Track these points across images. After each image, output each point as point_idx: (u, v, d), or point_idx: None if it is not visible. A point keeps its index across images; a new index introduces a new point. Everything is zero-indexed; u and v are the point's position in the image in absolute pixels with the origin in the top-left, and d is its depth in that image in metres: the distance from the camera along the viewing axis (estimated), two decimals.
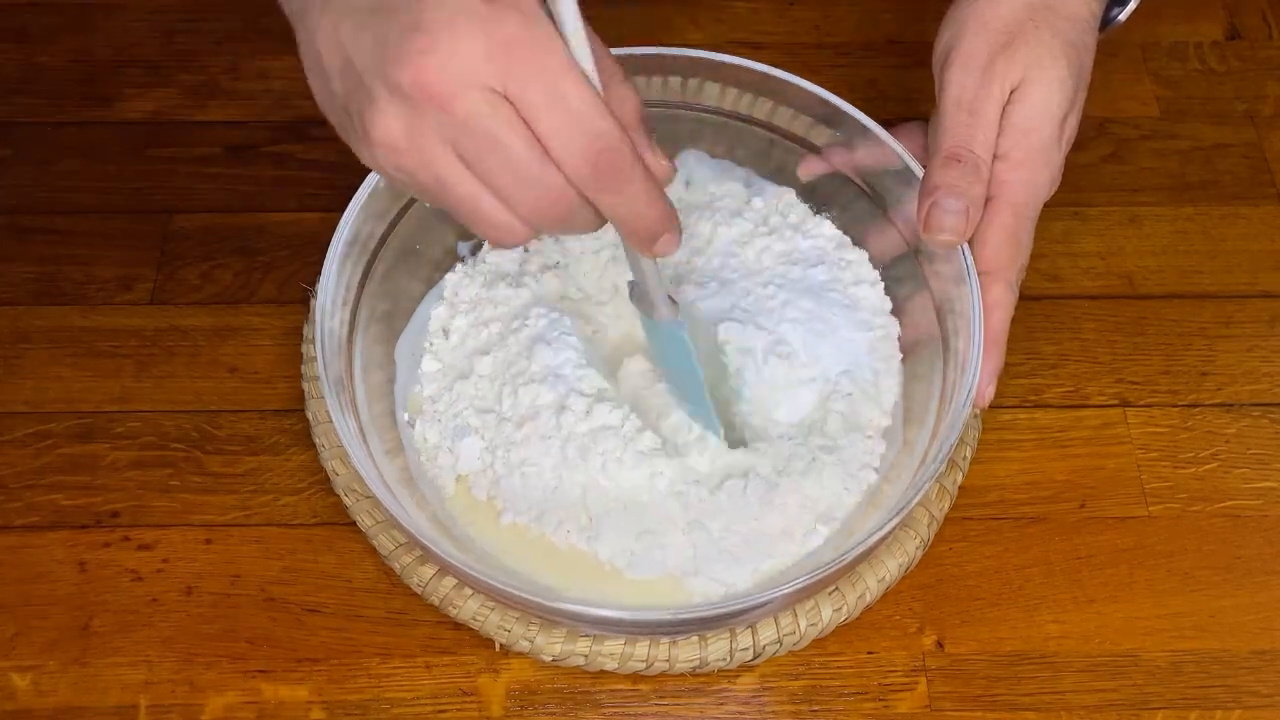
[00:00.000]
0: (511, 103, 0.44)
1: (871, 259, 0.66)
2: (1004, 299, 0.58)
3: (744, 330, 0.62)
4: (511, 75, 0.43)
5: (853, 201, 0.66)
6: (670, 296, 0.56)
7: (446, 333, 0.64)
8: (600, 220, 0.47)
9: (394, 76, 0.43)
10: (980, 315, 0.57)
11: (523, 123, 0.44)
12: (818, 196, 0.67)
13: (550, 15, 0.44)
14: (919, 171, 0.60)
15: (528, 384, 0.61)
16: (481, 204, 0.46)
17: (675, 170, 0.49)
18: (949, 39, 0.59)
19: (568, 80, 0.44)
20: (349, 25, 0.45)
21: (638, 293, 0.57)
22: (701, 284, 0.65)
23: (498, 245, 0.47)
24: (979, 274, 0.57)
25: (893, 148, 0.61)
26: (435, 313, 0.65)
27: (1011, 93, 0.58)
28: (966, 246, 0.58)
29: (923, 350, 0.62)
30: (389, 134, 0.44)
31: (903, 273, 0.64)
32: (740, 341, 0.62)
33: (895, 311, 0.65)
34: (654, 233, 0.48)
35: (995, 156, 0.58)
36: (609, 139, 0.44)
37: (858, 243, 0.66)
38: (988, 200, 0.58)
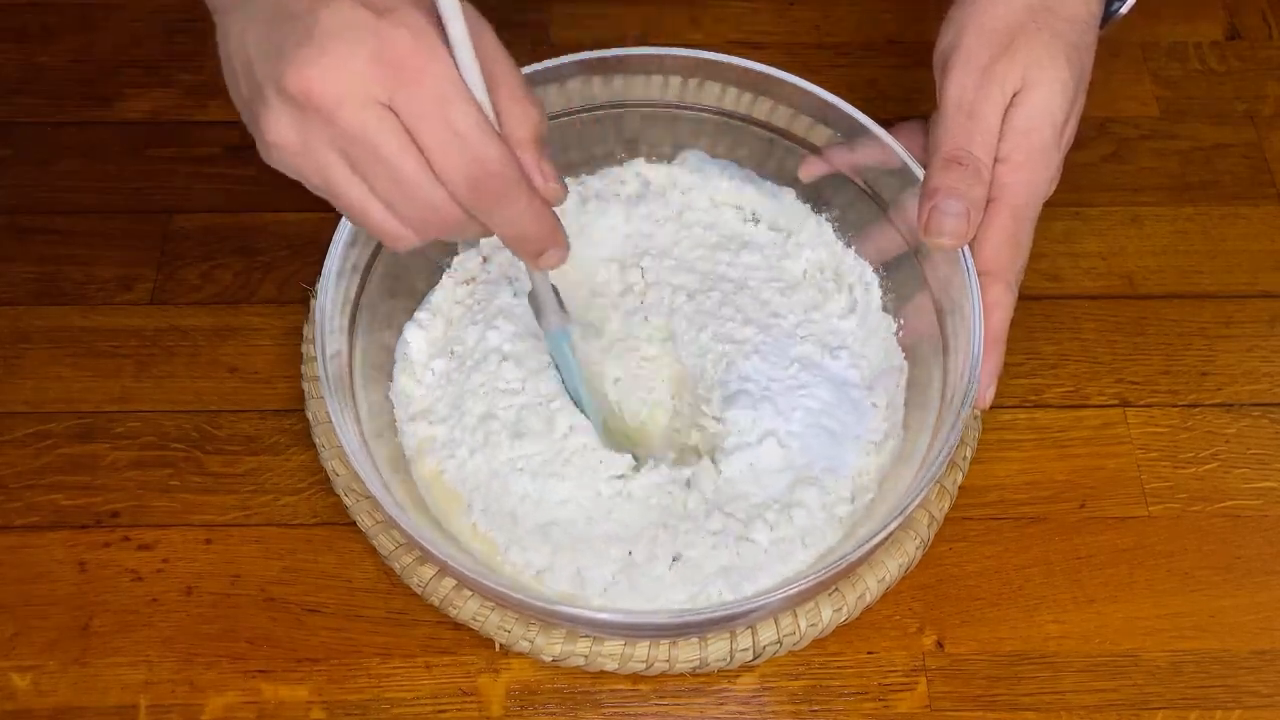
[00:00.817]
0: (399, 117, 0.45)
1: (871, 259, 0.66)
2: (1003, 299, 0.58)
3: (754, 416, 0.61)
4: (398, 89, 0.44)
5: (853, 201, 0.66)
6: (561, 304, 0.58)
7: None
8: (488, 230, 0.48)
9: (284, 84, 0.45)
10: (980, 316, 0.57)
11: (408, 137, 0.45)
12: (818, 196, 0.67)
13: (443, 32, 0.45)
14: (919, 172, 0.60)
15: (475, 323, 0.63)
16: (370, 211, 0.47)
17: (566, 192, 0.49)
18: (949, 41, 0.59)
19: (452, 99, 0.45)
20: (254, 30, 0.46)
21: (532, 300, 0.58)
22: (745, 322, 0.64)
23: (390, 248, 0.50)
24: (979, 274, 0.57)
25: (892, 148, 0.61)
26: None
27: (1013, 95, 0.58)
28: (967, 247, 0.58)
29: (923, 351, 0.62)
30: (281, 137, 0.46)
31: (903, 273, 0.64)
32: (744, 425, 0.61)
33: (896, 312, 0.65)
34: (537, 249, 0.50)
35: (996, 159, 0.58)
36: (491, 162, 0.46)
37: (858, 242, 0.66)
38: (988, 201, 0.58)
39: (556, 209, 0.49)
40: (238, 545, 0.62)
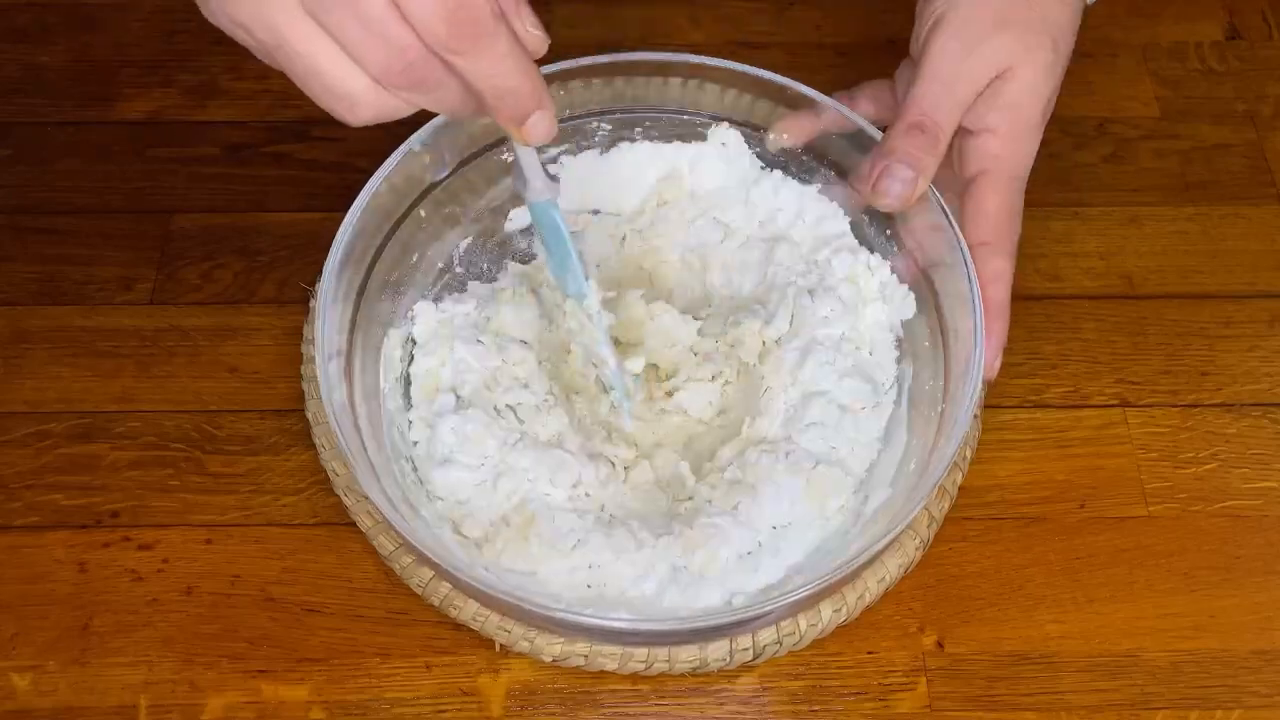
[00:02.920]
0: None
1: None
2: (1005, 272, 0.59)
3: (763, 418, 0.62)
4: None
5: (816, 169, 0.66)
6: (548, 173, 0.53)
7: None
8: (468, 98, 0.44)
9: None
10: (978, 294, 0.57)
11: None
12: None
13: None
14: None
15: (475, 321, 0.63)
16: (321, 62, 0.42)
17: (547, 41, 0.45)
18: (942, 7, 0.59)
19: None
20: None
21: (515, 170, 0.53)
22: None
23: (340, 118, 0.43)
24: (979, 245, 0.58)
25: (872, 136, 0.62)
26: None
27: (999, 75, 0.58)
28: (961, 235, 0.58)
29: (923, 348, 0.62)
30: None
31: (902, 268, 0.64)
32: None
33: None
34: (521, 109, 0.45)
35: (983, 130, 0.59)
36: None
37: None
38: (981, 173, 0.59)
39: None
40: (238, 545, 0.62)
